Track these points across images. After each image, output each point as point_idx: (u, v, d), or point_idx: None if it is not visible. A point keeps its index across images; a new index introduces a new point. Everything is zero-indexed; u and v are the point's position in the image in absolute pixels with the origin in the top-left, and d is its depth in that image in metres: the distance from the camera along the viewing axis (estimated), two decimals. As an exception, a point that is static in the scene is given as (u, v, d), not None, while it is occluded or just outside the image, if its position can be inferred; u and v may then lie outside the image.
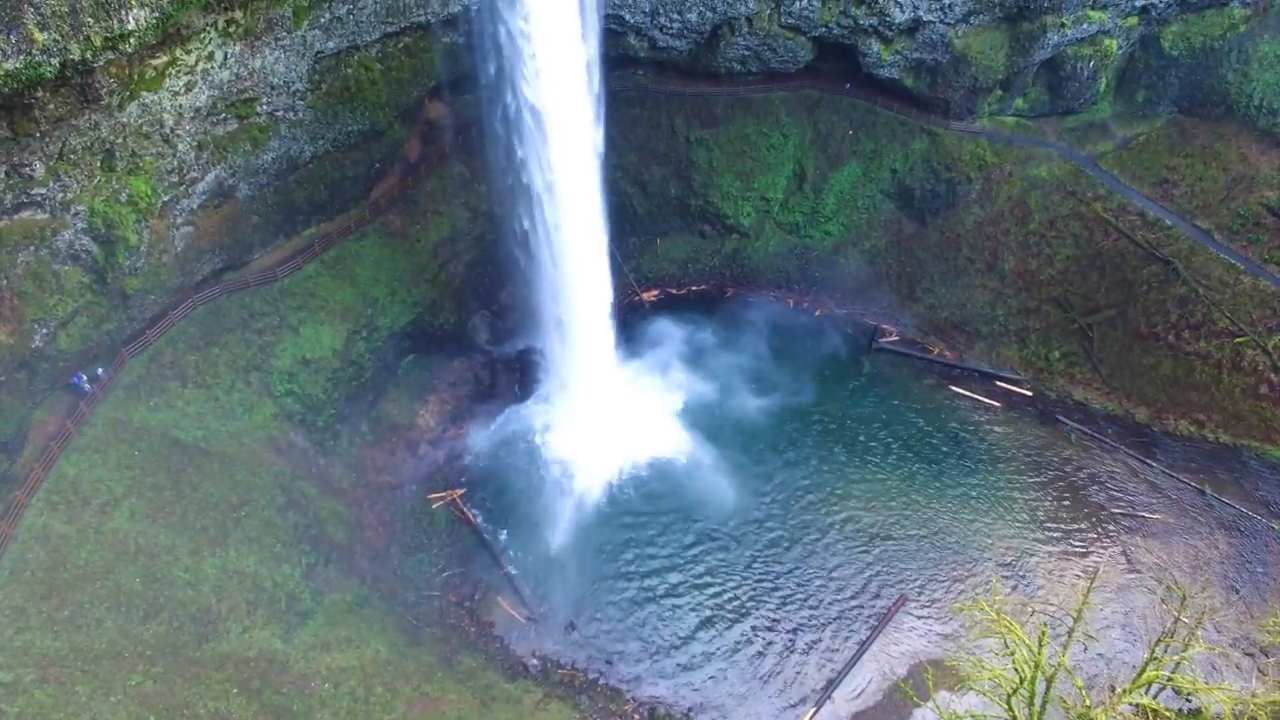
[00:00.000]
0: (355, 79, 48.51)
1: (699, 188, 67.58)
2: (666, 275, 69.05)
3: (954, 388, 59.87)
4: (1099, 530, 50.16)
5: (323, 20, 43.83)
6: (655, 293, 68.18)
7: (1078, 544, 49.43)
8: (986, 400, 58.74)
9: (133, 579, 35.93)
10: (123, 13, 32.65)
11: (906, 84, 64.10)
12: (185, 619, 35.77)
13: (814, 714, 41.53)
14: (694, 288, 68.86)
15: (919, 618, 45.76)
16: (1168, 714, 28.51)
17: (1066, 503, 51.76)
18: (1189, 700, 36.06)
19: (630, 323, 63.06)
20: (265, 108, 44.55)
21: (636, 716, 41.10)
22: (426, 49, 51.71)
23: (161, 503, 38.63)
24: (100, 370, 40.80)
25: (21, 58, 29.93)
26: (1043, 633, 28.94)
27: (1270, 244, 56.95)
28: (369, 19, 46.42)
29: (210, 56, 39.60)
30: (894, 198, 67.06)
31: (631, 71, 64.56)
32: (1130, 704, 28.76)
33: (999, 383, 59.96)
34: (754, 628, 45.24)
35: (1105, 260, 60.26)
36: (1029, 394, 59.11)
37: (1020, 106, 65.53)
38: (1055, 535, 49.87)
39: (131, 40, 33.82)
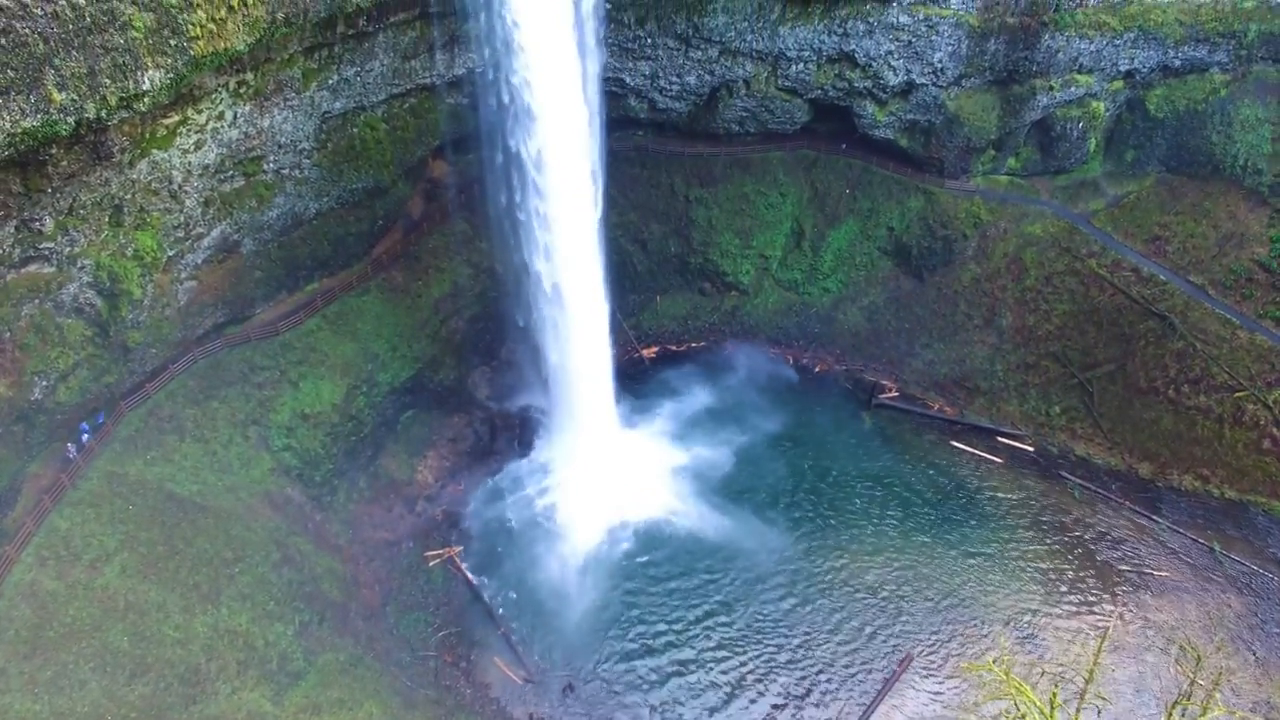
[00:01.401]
0: (361, 138, 49.55)
1: (698, 245, 68.46)
2: (666, 332, 69.39)
3: (955, 443, 59.57)
4: (1108, 588, 49.26)
5: (331, 82, 44.96)
6: (655, 349, 68.36)
7: (1086, 602, 48.46)
8: (988, 456, 58.39)
9: (120, 637, 35.04)
10: (138, 74, 33.37)
11: (901, 144, 65.62)
12: (173, 679, 34.76)
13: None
14: (694, 344, 69.05)
15: (925, 678, 44.54)
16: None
17: (1073, 559, 50.96)
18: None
19: (630, 379, 63.04)
20: (272, 165, 45.36)
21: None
22: (431, 109, 52.97)
23: (154, 558, 37.95)
24: (85, 436, 40.36)
25: (39, 116, 30.46)
26: (1054, 694, 28.07)
27: (1263, 299, 57.49)
28: (376, 81, 47.65)
29: (220, 116, 40.47)
30: (891, 255, 67.91)
31: (632, 132, 66.12)
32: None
33: (1000, 438, 59.70)
34: (757, 686, 43.95)
35: (1102, 315, 60.70)
36: (1030, 449, 58.79)
37: (1013, 166, 67.01)
38: (1063, 593, 48.94)
39: (146, 100, 34.49)
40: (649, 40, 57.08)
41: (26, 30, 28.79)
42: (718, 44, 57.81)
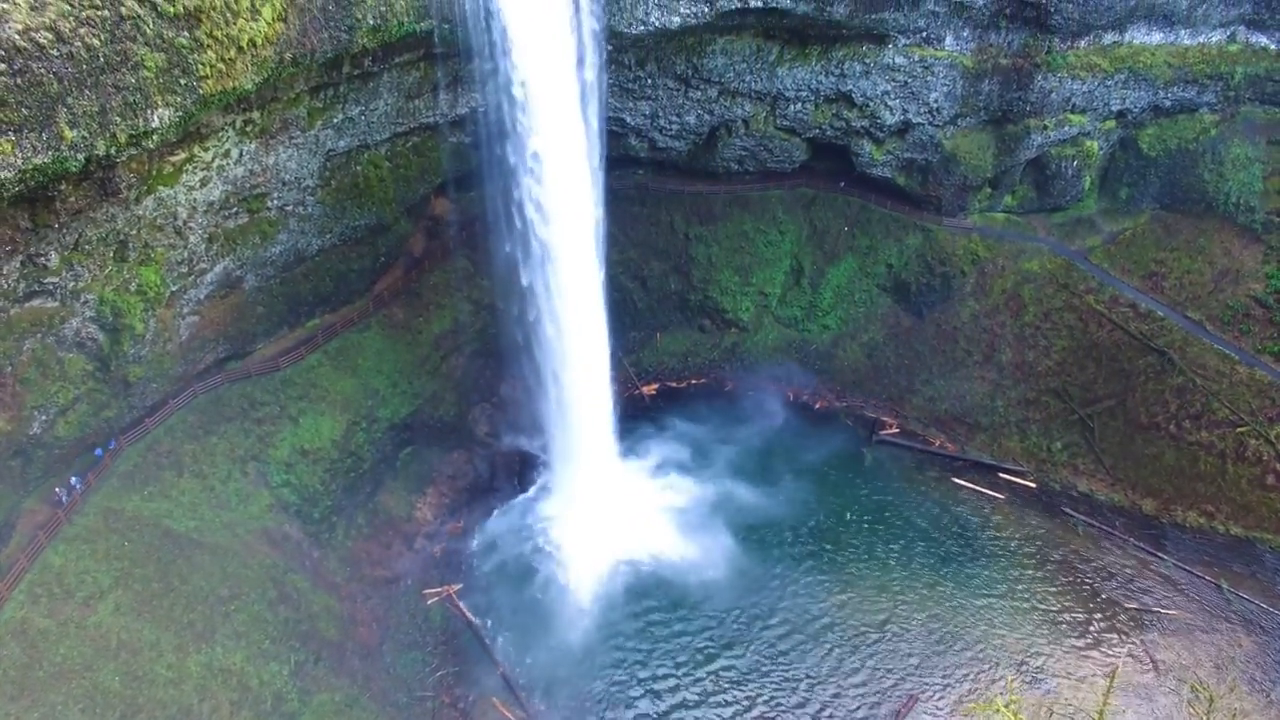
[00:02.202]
0: (364, 176, 50.11)
1: (698, 283, 68.85)
2: (666, 369, 69.45)
3: (957, 480, 59.25)
4: (1114, 627, 48.55)
5: (336, 120, 45.58)
6: (655, 386, 68.38)
7: (1093, 641, 47.74)
8: (990, 492, 58.04)
9: (111, 677, 34.38)
10: (148, 112, 33.71)
11: (899, 182, 66.46)
12: (165, 720, 34.08)
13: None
14: (694, 381, 69.08)
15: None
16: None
17: (1080, 598, 50.31)
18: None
19: (631, 416, 62.86)
20: (276, 202, 45.77)
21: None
22: (434, 148, 53.64)
23: (149, 595, 37.42)
24: (74, 480, 39.87)
25: (51, 153, 30.64)
26: (1065, 733, 27.56)
27: (1261, 335, 57.75)
28: (380, 120, 48.32)
29: (226, 154, 40.94)
30: (890, 292, 68.30)
31: (632, 170, 66.93)
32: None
33: (1002, 474, 59.41)
34: (762, 731, 43.17)
35: (1101, 351, 60.86)
36: (1032, 485, 58.48)
37: (1010, 203, 67.83)
38: (1069, 632, 48.22)
39: (154, 138, 34.82)
40: (649, 81, 58.07)
41: (42, 70, 29.13)
42: (717, 84, 58.80)
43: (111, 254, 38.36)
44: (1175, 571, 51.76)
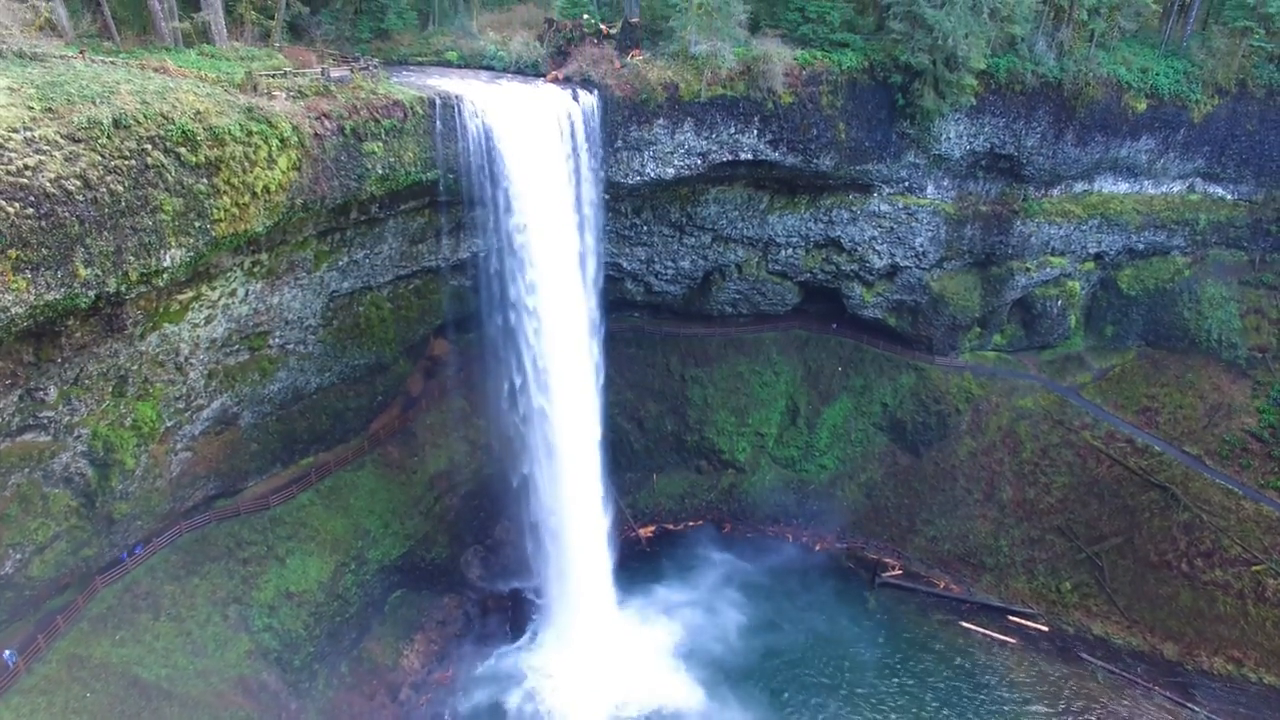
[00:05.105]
0: (366, 316, 51.16)
1: (694, 424, 68.90)
2: (663, 510, 68.25)
3: (965, 624, 56.93)
4: (1150, 785, 45.15)
5: (341, 263, 47.12)
6: (652, 528, 66.94)
7: (1129, 802, 44.26)
8: (1001, 637, 55.63)
9: None
10: (161, 252, 34.76)
11: (890, 323, 68.08)
12: None
13: None
14: (691, 523, 67.72)
15: None
16: None
17: (1109, 753, 47.10)
18: None
19: (628, 559, 61.10)
20: (277, 340, 46.47)
21: None
22: (435, 290, 55.09)
23: (108, 754, 34.77)
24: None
25: (63, 289, 31.23)
26: None
27: (1262, 469, 57.39)
28: (384, 263, 49.96)
29: (233, 293, 41.95)
30: (886, 430, 68.32)
31: (628, 313, 68.56)
32: None
33: (1012, 618, 57.17)
34: None
35: (1103, 487, 60.19)
36: (1044, 629, 56.12)
37: (999, 342, 69.28)
38: (1103, 792, 44.78)
39: (164, 276, 35.78)
40: (645, 228, 60.67)
41: (66, 214, 30.15)
42: (710, 231, 61.43)
43: (110, 389, 38.42)
44: (1208, 723, 48.77)
